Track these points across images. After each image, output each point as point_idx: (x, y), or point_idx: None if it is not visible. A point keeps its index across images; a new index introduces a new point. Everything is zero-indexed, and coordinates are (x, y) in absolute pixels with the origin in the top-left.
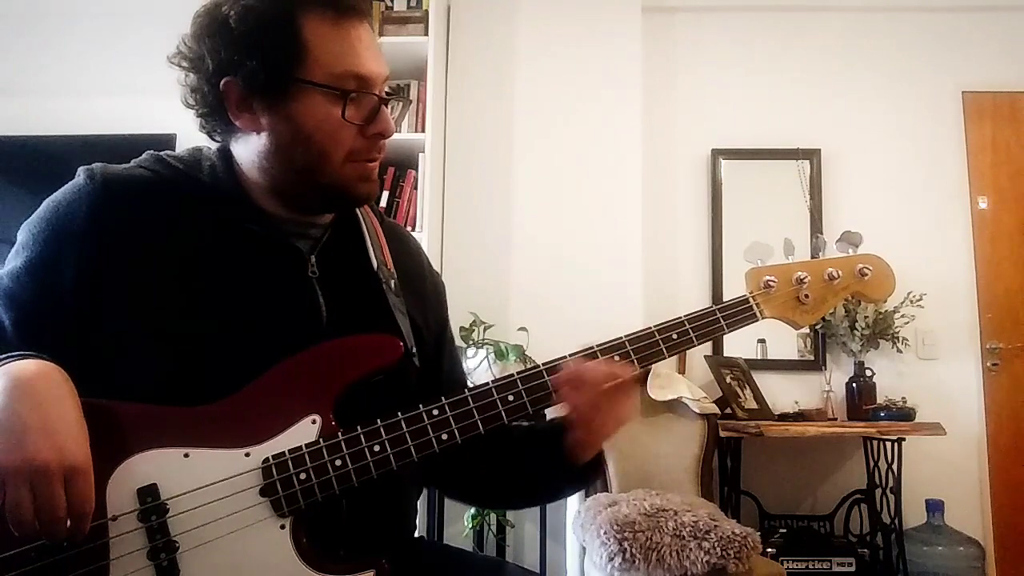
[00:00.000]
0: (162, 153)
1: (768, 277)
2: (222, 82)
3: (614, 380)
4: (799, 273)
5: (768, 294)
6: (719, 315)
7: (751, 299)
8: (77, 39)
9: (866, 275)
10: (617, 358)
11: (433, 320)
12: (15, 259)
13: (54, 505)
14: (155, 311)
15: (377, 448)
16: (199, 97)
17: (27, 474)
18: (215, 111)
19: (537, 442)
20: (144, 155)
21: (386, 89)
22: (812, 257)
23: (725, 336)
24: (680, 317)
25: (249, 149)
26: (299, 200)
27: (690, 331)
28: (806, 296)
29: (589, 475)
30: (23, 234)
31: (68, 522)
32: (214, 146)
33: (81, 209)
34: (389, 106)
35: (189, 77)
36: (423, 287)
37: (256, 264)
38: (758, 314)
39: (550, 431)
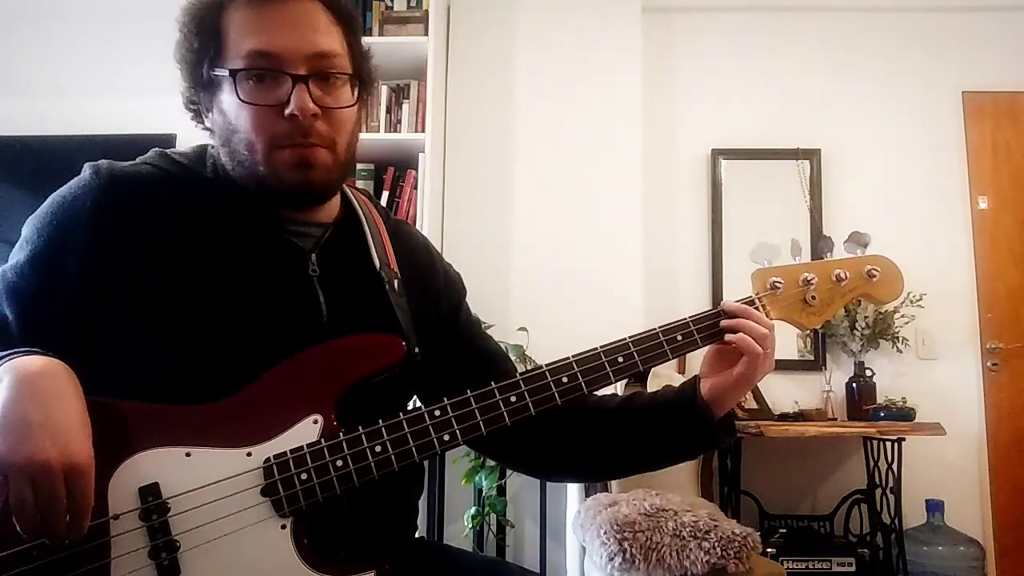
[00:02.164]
0: (168, 151)
1: (775, 278)
2: (184, 82)
3: (768, 323)
4: (806, 274)
5: (775, 295)
6: (725, 314)
7: (757, 300)
8: (77, 39)
9: (874, 276)
10: (619, 358)
11: (445, 309)
12: (19, 253)
13: (55, 503)
14: (157, 308)
15: (379, 448)
16: (189, 101)
17: (29, 471)
18: (195, 114)
19: (667, 402)
20: (150, 152)
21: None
22: (813, 257)
23: None
24: (685, 318)
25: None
26: (258, 193)
27: (695, 332)
28: (813, 298)
29: (725, 431)
30: (27, 228)
31: (68, 519)
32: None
33: (86, 204)
34: (318, 84)
35: (182, 84)
36: (434, 281)
37: (257, 262)
38: (764, 315)
39: (680, 389)
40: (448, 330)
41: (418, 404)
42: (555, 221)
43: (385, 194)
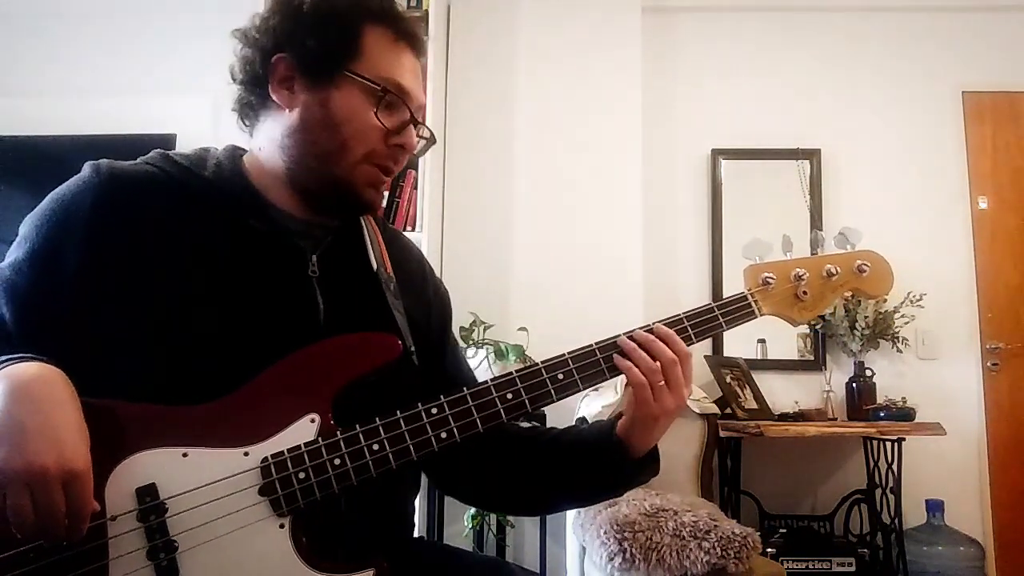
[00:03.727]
0: (169, 152)
1: (766, 274)
2: (275, 56)
3: (679, 351)
4: (797, 270)
5: (766, 291)
6: (717, 312)
7: (749, 296)
8: (77, 39)
9: (865, 271)
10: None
11: (435, 323)
12: (17, 250)
13: (53, 510)
14: (154, 307)
15: (376, 447)
16: (248, 68)
17: (26, 478)
18: (257, 82)
19: (586, 442)
20: (151, 152)
21: (424, 127)
22: (811, 254)
23: (725, 336)
24: (679, 314)
25: (275, 126)
26: (309, 190)
27: (688, 329)
28: (804, 293)
29: (647, 469)
30: (26, 226)
31: (66, 525)
32: (221, 147)
33: (85, 202)
34: (418, 130)
35: (244, 49)
36: (424, 292)
37: (257, 262)
38: (756, 311)
39: (601, 428)
40: (434, 349)
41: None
42: (555, 221)
43: (385, 194)
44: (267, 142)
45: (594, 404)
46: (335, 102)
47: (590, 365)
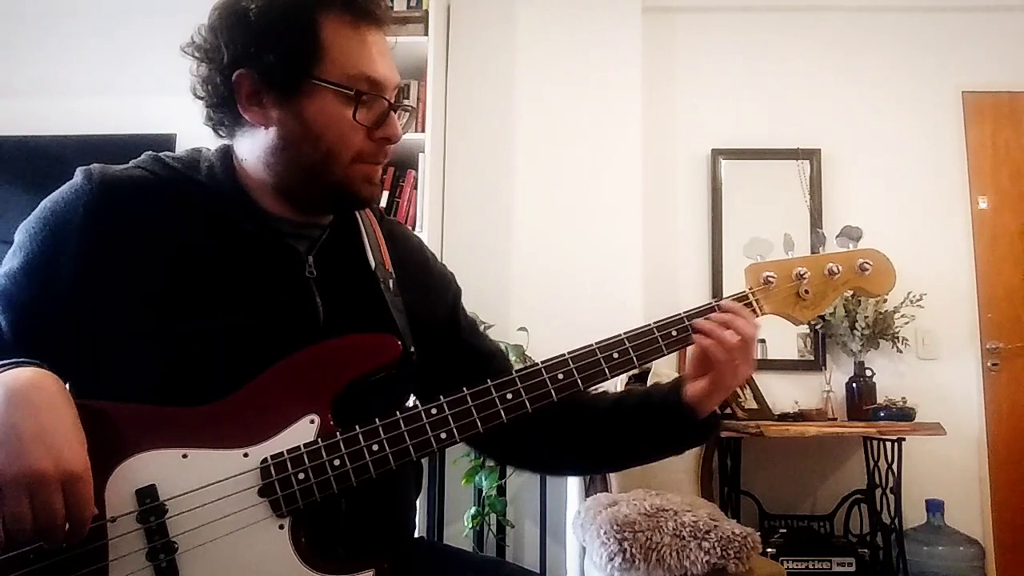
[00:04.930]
0: (161, 154)
1: (767, 273)
2: (235, 74)
3: (751, 327)
4: (799, 268)
5: (768, 290)
6: (719, 311)
7: (750, 295)
8: (77, 39)
9: (867, 270)
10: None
11: (442, 308)
12: (12, 260)
13: (52, 513)
14: (152, 312)
15: (376, 448)
16: (210, 88)
17: (25, 483)
18: (225, 103)
19: (653, 406)
20: (143, 156)
21: (404, 102)
22: (812, 253)
23: None
24: (679, 314)
25: (255, 144)
26: (302, 199)
27: (689, 328)
28: (806, 292)
29: (709, 430)
30: (20, 235)
31: (67, 529)
32: (213, 147)
33: (78, 209)
34: (397, 113)
35: (201, 67)
36: (428, 279)
37: (253, 264)
38: (757, 310)
39: (668, 390)
40: (447, 330)
41: (415, 403)
42: (555, 221)
43: (385, 194)
44: (250, 156)
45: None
46: (310, 113)
47: (590, 364)
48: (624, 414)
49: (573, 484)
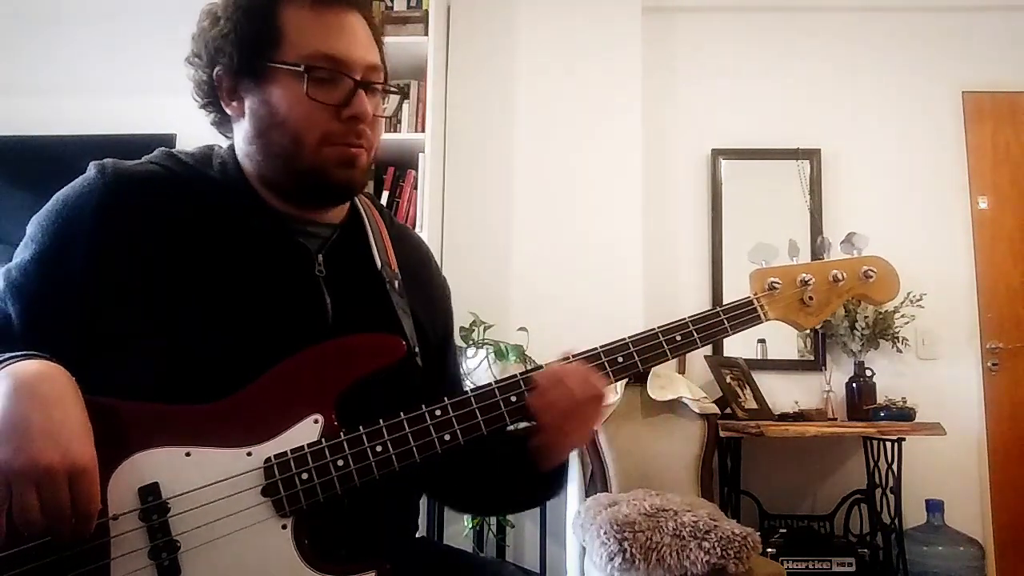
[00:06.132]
0: (174, 150)
1: (773, 279)
2: (215, 71)
3: (591, 389)
4: (804, 275)
5: (772, 296)
6: (723, 317)
7: (755, 301)
8: (77, 39)
9: (871, 277)
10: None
11: (439, 323)
12: (24, 251)
13: (60, 506)
14: (160, 307)
15: (379, 448)
16: (202, 89)
17: (33, 475)
18: (213, 102)
19: (507, 448)
20: (156, 151)
21: (388, 85)
22: (813, 257)
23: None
24: (684, 319)
25: (239, 138)
26: (288, 191)
27: (694, 333)
28: (810, 298)
29: (553, 484)
30: (32, 227)
31: (73, 522)
32: (226, 144)
33: (90, 202)
34: (387, 99)
35: (195, 73)
36: (430, 290)
37: (263, 262)
38: (762, 316)
39: (518, 437)
40: (437, 350)
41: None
42: (555, 221)
43: (385, 194)
44: (239, 151)
45: None
46: (272, 98)
47: (595, 368)
48: (483, 456)
49: (573, 484)
